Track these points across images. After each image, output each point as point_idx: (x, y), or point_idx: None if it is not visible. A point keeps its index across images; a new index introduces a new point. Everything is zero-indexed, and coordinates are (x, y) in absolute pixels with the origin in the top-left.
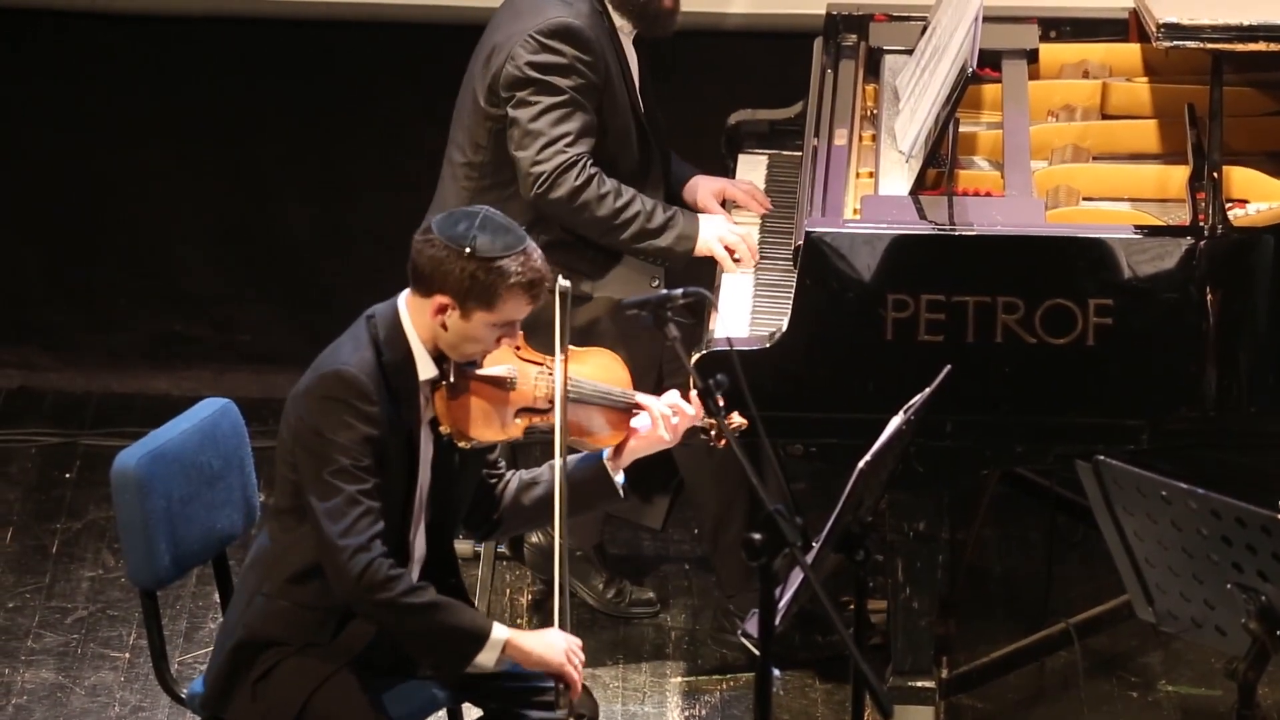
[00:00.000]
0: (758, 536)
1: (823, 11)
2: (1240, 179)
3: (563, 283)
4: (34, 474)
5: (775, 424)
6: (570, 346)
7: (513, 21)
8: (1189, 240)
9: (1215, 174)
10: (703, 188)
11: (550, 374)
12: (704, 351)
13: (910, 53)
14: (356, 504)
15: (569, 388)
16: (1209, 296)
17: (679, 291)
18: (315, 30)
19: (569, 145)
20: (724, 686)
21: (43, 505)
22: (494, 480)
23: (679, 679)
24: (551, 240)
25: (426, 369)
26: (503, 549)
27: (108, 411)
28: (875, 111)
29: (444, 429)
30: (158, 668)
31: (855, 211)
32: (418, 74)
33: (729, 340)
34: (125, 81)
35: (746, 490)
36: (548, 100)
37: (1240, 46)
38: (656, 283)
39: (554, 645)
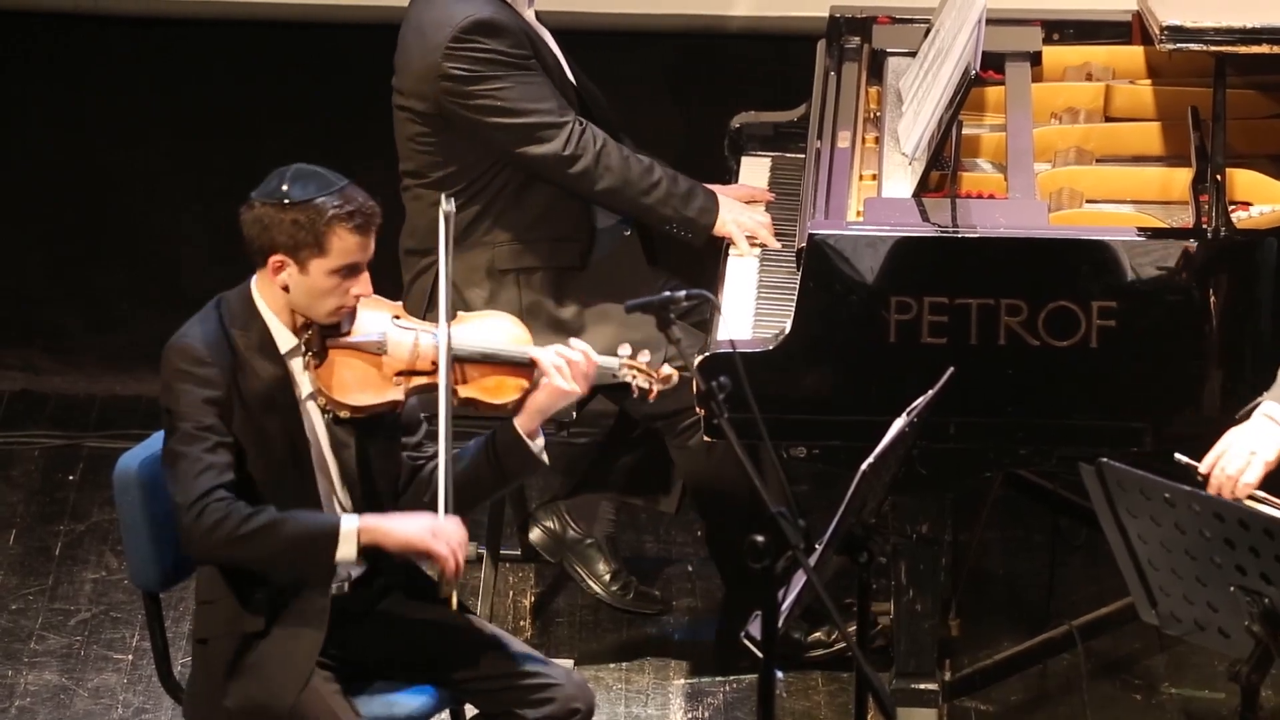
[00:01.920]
0: (761, 538)
1: (826, 14)
2: (1243, 181)
3: (446, 205)
4: (37, 476)
5: (778, 426)
6: (460, 312)
7: (421, 40)
8: (1192, 243)
9: (1218, 176)
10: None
11: (430, 335)
12: (707, 354)
13: (913, 55)
14: (196, 462)
15: (455, 349)
16: (1212, 299)
17: (682, 293)
18: (320, 32)
19: (560, 115)
20: (727, 688)
21: (46, 507)
22: (421, 463)
23: (682, 680)
24: (530, 219)
25: (285, 341)
26: (505, 549)
27: (111, 414)
28: (878, 114)
29: (320, 401)
30: (160, 670)
31: (858, 214)
32: None
33: (732, 342)
34: (129, 83)
35: (747, 493)
36: (507, 89)
37: (1243, 49)
38: (628, 232)
39: (414, 523)
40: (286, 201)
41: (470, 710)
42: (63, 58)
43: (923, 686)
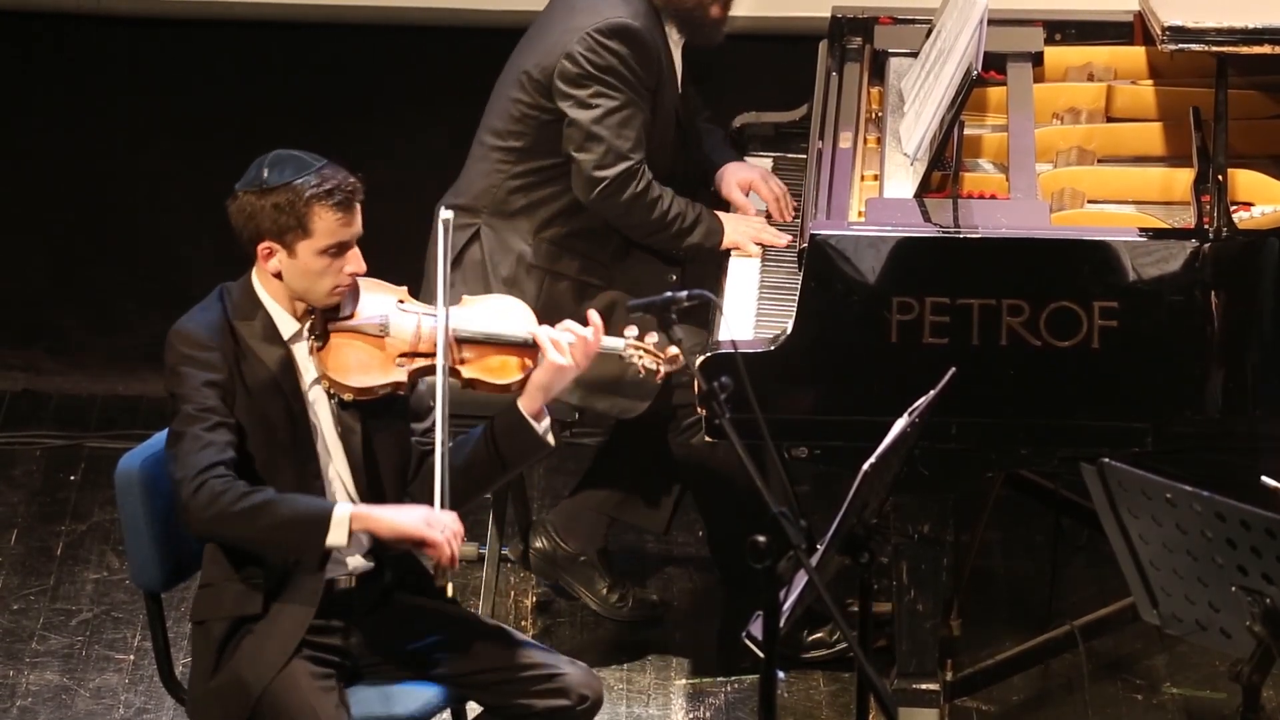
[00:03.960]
0: (762, 539)
1: (828, 14)
2: (1245, 182)
3: (445, 214)
4: (39, 476)
5: (780, 426)
6: (464, 295)
7: (569, 17)
8: (1194, 243)
9: (1220, 177)
10: (730, 178)
11: (433, 317)
12: (709, 354)
13: (915, 55)
14: (196, 440)
15: (457, 330)
16: (1214, 299)
17: (684, 294)
18: (322, 33)
19: (631, 151)
20: (729, 689)
21: (47, 508)
22: (429, 449)
23: (683, 681)
24: (578, 228)
25: (288, 327)
26: (506, 552)
27: (112, 414)
28: (880, 114)
29: (324, 384)
30: (162, 670)
31: (860, 214)
32: (424, 77)
33: (734, 342)
34: (132, 84)
35: (750, 494)
36: (608, 103)
37: (1245, 49)
38: (674, 278)
39: (409, 513)
40: (265, 187)
41: (471, 710)
42: (64, 58)
43: (924, 686)
